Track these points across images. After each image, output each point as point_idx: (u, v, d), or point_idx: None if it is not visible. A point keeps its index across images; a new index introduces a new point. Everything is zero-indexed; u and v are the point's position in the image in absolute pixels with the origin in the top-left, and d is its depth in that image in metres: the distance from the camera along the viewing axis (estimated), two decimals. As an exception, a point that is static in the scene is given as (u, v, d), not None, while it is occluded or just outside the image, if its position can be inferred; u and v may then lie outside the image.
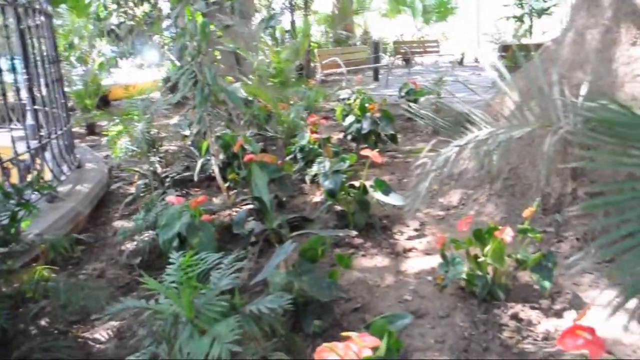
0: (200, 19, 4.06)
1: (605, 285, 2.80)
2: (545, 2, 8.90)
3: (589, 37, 3.93)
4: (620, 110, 1.42)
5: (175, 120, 7.98)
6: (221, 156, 4.73)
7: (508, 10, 10.70)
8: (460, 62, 17.85)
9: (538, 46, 5.62)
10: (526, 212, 2.67)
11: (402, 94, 7.53)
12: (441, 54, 17.46)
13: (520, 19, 9.08)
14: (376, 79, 13.54)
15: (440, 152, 2.38)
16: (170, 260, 2.33)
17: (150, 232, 3.58)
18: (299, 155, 5.03)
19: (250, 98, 4.64)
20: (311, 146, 4.92)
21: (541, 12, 8.90)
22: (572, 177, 3.53)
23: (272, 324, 2.19)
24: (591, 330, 1.56)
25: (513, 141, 4.05)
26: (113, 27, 8.15)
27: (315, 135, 4.89)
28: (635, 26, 3.64)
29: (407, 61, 16.42)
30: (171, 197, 3.32)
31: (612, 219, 1.12)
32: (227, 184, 4.48)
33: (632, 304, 1.02)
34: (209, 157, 4.76)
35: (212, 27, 4.25)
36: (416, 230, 3.78)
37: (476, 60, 18.28)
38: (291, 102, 6.65)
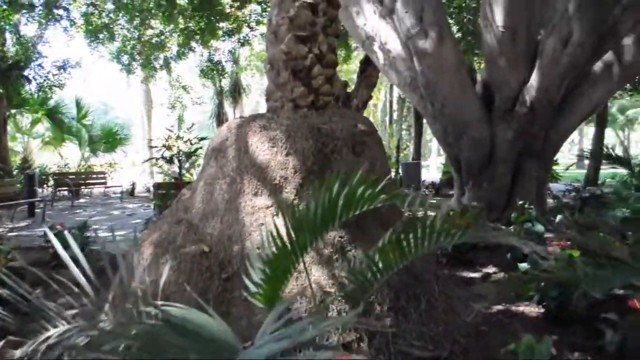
0: None
1: None
2: (192, 145, 9.51)
3: (217, 187, 4.01)
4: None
5: None
6: None
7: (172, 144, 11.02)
8: (131, 193, 17.49)
9: (188, 184, 5.64)
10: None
11: (48, 238, 6.65)
12: (109, 185, 16.89)
13: (169, 161, 9.45)
14: (32, 214, 12.09)
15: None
16: None
17: None
18: None
19: None
20: None
21: (189, 155, 9.44)
22: None
23: None
24: None
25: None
26: None
27: None
28: (256, 178, 3.85)
29: (73, 193, 15.37)
30: None
31: None
32: None
33: None
34: None
35: None
36: None
37: (148, 191, 18.18)
38: None
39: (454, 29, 13.60)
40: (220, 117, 20.01)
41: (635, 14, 6.76)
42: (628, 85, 13.45)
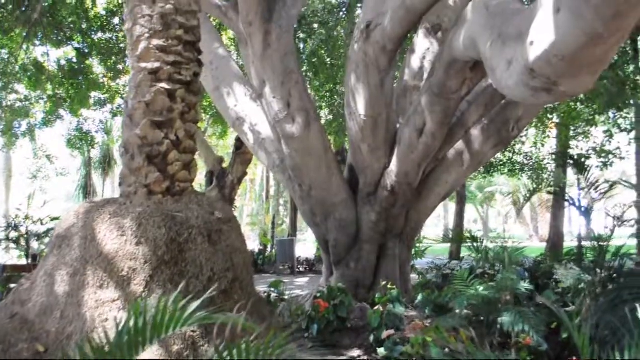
0: None
1: None
2: (43, 225, 8.83)
3: (59, 279, 3.70)
4: None
5: None
6: None
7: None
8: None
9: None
10: None
11: None
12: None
13: (16, 242, 8.67)
14: None
15: None
16: None
17: None
18: None
19: None
20: None
21: (39, 236, 8.71)
22: None
23: None
24: None
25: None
26: None
27: None
28: (102, 269, 3.60)
29: None
30: None
31: None
32: None
33: None
34: None
35: None
36: None
37: None
38: None
39: (326, 111, 14.24)
40: (87, 189, 18.95)
41: (479, 108, 7.51)
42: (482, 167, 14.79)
